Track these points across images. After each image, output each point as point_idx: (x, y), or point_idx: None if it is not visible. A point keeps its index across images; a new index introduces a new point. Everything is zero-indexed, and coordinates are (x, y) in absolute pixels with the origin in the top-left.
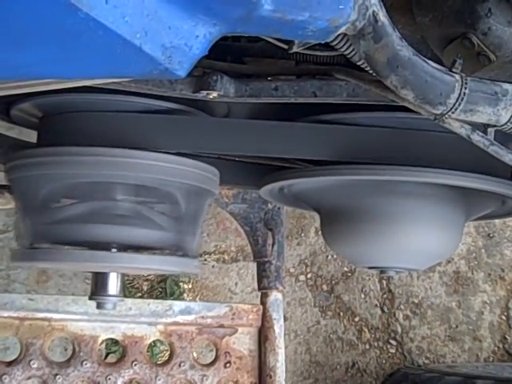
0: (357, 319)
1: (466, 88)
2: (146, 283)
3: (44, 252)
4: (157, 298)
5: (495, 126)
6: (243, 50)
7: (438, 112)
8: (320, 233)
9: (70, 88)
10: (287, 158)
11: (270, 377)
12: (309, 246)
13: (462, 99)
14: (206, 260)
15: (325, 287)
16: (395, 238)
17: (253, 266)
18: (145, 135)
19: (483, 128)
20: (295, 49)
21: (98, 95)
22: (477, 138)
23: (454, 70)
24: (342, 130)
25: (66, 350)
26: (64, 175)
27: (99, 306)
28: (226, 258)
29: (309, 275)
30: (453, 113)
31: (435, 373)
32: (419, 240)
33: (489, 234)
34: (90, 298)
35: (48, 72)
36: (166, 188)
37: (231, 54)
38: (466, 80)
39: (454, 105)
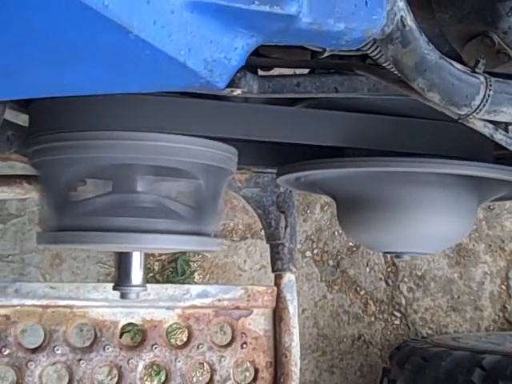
0: (362, 293)
1: (490, 90)
2: (157, 263)
3: (71, 234)
4: (168, 277)
5: None
6: None
7: (463, 113)
8: (325, 209)
9: None
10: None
11: (286, 356)
12: (315, 223)
13: (487, 101)
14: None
15: (331, 262)
16: (410, 225)
17: (261, 244)
18: (161, 119)
19: (504, 126)
20: (326, 54)
21: None
22: (499, 136)
23: (477, 70)
24: (351, 117)
25: (81, 330)
26: (88, 159)
27: (123, 296)
28: (235, 236)
29: (315, 251)
30: (477, 113)
31: (443, 347)
32: (434, 226)
33: (489, 206)
34: (115, 289)
35: (94, 89)
36: (187, 169)
37: None
38: (490, 82)
39: (479, 106)
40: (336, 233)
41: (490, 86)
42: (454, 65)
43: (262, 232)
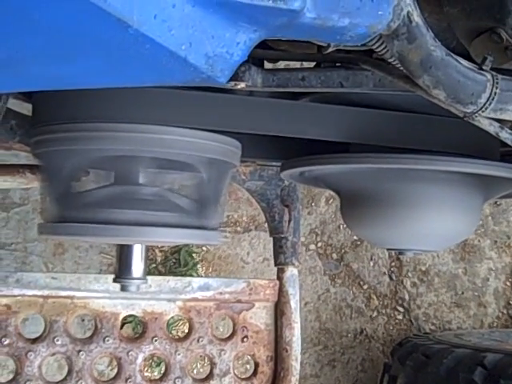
0: (365, 287)
1: (497, 88)
2: (159, 254)
3: (72, 226)
4: (171, 268)
5: None
6: None
7: (469, 111)
8: (330, 202)
9: None
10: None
11: (286, 351)
12: (319, 216)
13: (493, 99)
14: (224, 231)
15: (334, 256)
16: (414, 222)
17: (265, 236)
18: (164, 112)
19: (511, 125)
20: (330, 49)
21: None
22: (505, 135)
23: (484, 67)
24: (357, 112)
25: (83, 320)
26: (90, 151)
27: (123, 288)
28: (238, 227)
29: (319, 244)
30: (483, 112)
31: (445, 344)
32: (438, 224)
33: (496, 202)
34: (115, 281)
35: (93, 82)
36: (189, 162)
37: None
38: (497, 80)
39: (485, 104)
40: (340, 226)
41: (497, 83)
42: (461, 61)
43: (266, 224)
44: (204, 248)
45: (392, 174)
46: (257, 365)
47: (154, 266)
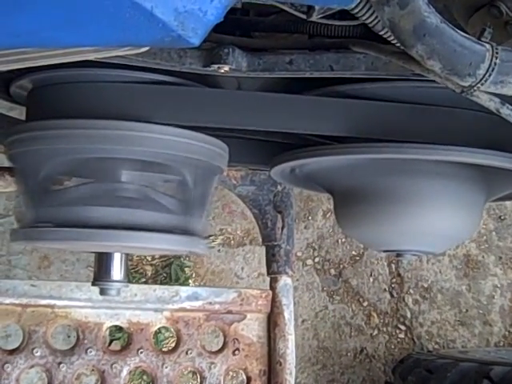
0: (365, 304)
1: (497, 58)
2: (150, 268)
3: (46, 231)
4: (161, 283)
5: None
6: (253, 25)
7: (467, 84)
8: (328, 216)
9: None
10: (299, 133)
11: (280, 364)
12: (316, 230)
13: (493, 70)
14: (213, 241)
15: (333, 271)
16: (412, 220)
17: (259, 250)
18: (147, 107)
19: None
20: (315, 16)
21: (95, 69)
22: (506, 111)
23: (482, 39)
24: (355, 104)
25: (68, 336)
26: (68, 150)
27: (102, 292)
28: (232, 242)
29: (316, 259)
30: (482, 84)
31: (448, 359)
32: (437, 222)
33: (500, 217)
34: (93, 284)
35: (51, 39)
36: (173, 163)
37: (240, 29)
38: (497, 49)
39: (484, 76)
40: (339, 241)
41: (497, 53)
42: (457, 30)
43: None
44: (196, 263)
45: (389, 168)
46: (249, 379)
47: (143, 280)
